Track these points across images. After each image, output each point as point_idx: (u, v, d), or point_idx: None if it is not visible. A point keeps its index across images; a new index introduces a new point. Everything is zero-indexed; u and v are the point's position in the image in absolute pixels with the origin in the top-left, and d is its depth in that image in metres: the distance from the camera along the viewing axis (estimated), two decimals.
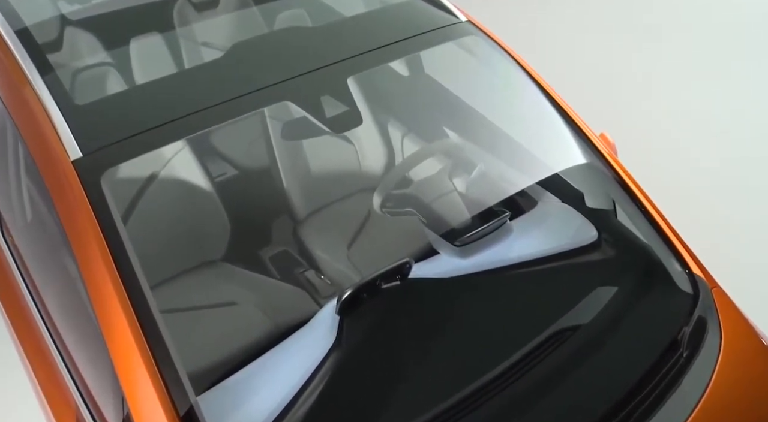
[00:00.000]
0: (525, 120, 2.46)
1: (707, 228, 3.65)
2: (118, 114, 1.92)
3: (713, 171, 4.05)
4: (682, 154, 4.18)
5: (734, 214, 3.75)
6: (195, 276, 2.45)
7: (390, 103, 2.84)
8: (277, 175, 2.64)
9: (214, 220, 2.50)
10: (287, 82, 2.00)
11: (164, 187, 2.43)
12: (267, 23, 2.82)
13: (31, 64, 2.04)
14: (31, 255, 2.11)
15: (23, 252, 2.18)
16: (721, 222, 3.70)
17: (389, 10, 2.33)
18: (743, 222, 3.70)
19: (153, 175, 2.38)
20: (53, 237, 2.03)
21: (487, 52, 2.34)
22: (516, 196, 2.39)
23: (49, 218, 2.02)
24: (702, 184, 3.94)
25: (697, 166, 4.08)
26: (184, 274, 2.44)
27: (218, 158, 2.95)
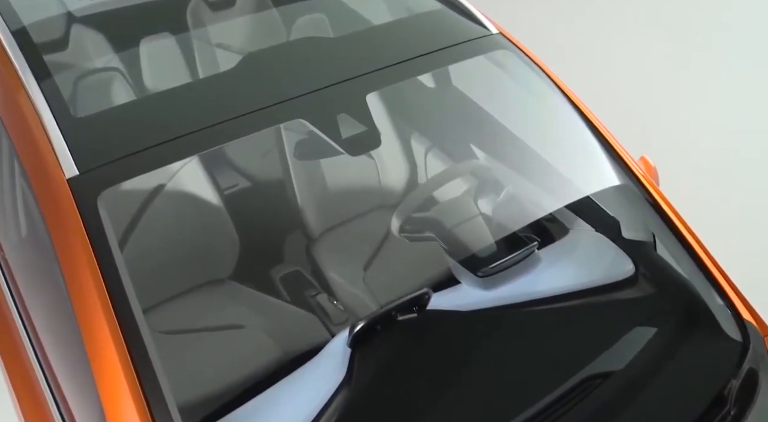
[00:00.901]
0: (557, 140, 2.33)
1: (759, 267, 3.43)
2: (120, 128, 1.83)
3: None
4: (731, 181, 3.95)
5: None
6: (200, 296, 2.36)
7: (414, 115, 2.72)
8: (291, 189, 2.54)
9: (222, 236, 2.40)
10: (301, 98, 1.89)
11: (169, 200, 2.33)
12: (285, 26, 2.71)
13: (28, 70, 1.95)
14: (23, 274, 2.03)
15: (14, 269, 2.09)
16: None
17: (415, 20, 2.20)
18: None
19: (157, 189, 2.29)
20: (48, 256, 1.94)
21: (518, 67, 2.21)
22: (545, 221, 2.26)
23: (45, 236, 1.94)
24: (756, 218, 3.72)
25: (749, 198, 3.86)
26: (187, 294, 2.35)
27: (228, 168, 2.85)
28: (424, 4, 2.35)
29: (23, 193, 2.08)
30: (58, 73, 2.05)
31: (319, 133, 1.86)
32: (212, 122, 1.84)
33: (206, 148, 1.80)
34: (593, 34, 5.31)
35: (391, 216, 2.31)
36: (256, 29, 2.81)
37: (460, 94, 2.59)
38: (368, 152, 1.93)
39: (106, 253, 1.68)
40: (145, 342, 1.61)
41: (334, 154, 2.24)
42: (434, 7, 2.31)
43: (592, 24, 5.44)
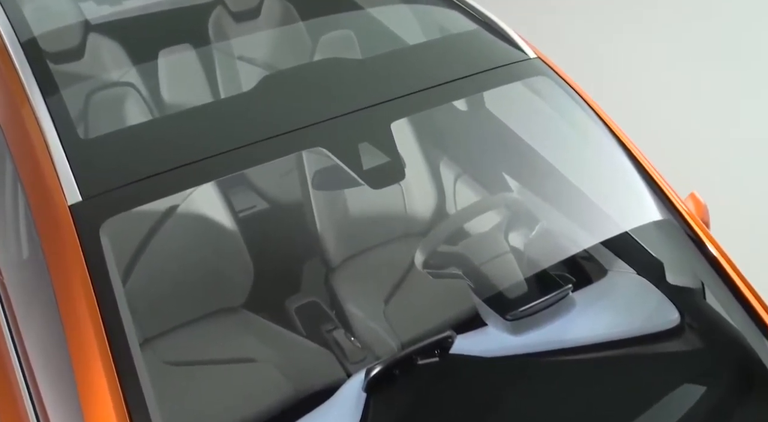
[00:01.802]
0: (597, 172, 2.20)
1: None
2: (128, 152, 1.75)
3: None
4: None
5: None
6: (210, 324, 2.27)
7: (444, 138, 2.61)
8: (310, 213, 2.44)
9: (235, 262, 2.32)
10: (321, 125, 1.79)
11: (181, 222, 2.25)
12: (311, 40, 2.62)
13: (34, 84, 1.88)
14: (21, 300, 1.96)
15: (12, 294, 2.02)
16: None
17: (447, 42, 2.09)
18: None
19: (168, 210, 2.21)
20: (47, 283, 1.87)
21: (557, 95, 2.09)
22: (582, 261, 2.13)
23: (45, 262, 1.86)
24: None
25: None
26: (197, 322, 2.26)
27: (245, 188, 2.76)
28: (458, 24, 2.24)
29: (27, 213, 2.01)
30: (67, 88, 1.98)
31: (339, 162, 1.76)
32: (226, 148, 1.75)
33: (218, 176, 1.72)
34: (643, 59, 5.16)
35: (416, 246, 2.21)
36: (280, 43, 2.73)
37: (493, 118, 2.48)
38: (390, 185, 1.82)
39: (105, 286, 1.60)
40: (141, 380, 1.54)
41: (354, 185, 2.15)
42: (468, 27, 2.20)
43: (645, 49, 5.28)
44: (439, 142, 2.61)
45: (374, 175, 1.77)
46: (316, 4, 2.83)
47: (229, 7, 2.75)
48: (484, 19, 2.21)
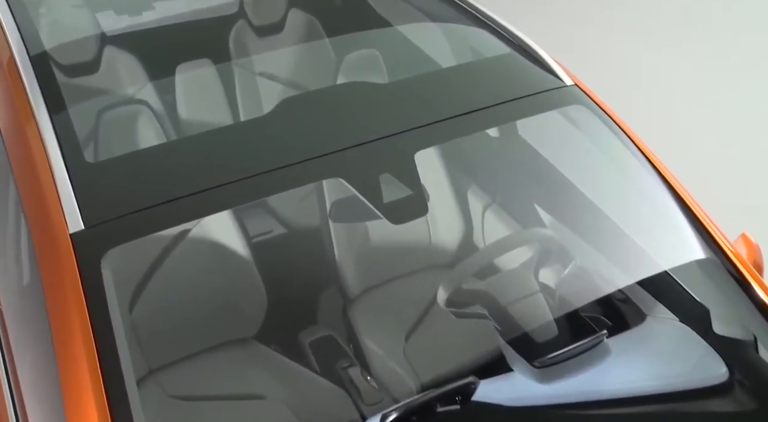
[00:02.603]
0: (636, 207, 2.09)
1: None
2: (135, 178, 1.68)
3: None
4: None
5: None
6: (219, 356, 2.19)
7: (473, 165, 2.51)
8: (329, 241, 2.36)
9: (248, 291, 2.24)
10: (340, 154, 1.70)
11: (190, 247, 2.18)
12: (336, 58, 2.54)
13: (41, 101, 1.82)
14: (18, 328, 1.89)
15: (8, 321, 1.96)
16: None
17: (479, 66, 2.00)
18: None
19: (177, 235, 2.13)
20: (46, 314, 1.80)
21: (594, 125, 1.98)
22: (619, 304, 2.01)
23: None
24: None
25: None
26: (206, 354, 2.18)
27: (260, 211, 2.69)
28: (490, 46, 2.14)
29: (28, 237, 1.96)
30: (76, 105, 1.92)
31: (358, 194, 1.67)
32: (239, 176, 1.67)
33: (229, 206, 1.65)
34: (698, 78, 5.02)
35: (440, 278, 2.12)
36: (303, 60, 2.66)
37: (526, 145, 2.37)
38: (412, 221, 1.73)
39: (103, 320, 1.53)
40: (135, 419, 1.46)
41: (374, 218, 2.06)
42: (501, 50, 2.11)
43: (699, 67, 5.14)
44: (467, 168, 2.51)
45: (395, 210, 1.68)
46: (342, 20, 2.76)
47: (251, 20, 2.69)
48: (518, 41, 2.11)
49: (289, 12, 2.78)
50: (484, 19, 2.18)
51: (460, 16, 2.21)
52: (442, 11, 2.25)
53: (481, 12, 2.18)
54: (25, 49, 2.01)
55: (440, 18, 2.24)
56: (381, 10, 2.63)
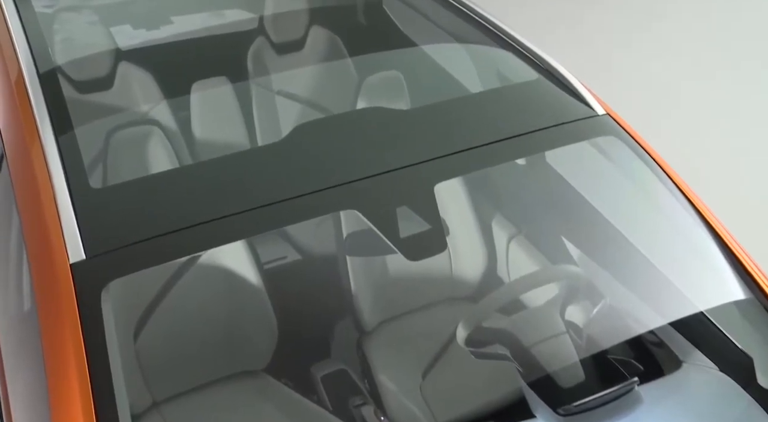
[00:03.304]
0: (671, 244, 1.99)
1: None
2: (142, 206, 1.62)
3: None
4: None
5: None
6: (227, 389, 2.12)
7: (498, 193, 2.42)
8: (345, 269, 2.29)
9: (258, 320, 2.17)
10: (355, 184, 1.63)
11: (198, 273, 2.12)
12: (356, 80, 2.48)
13: (47, 120, 1.77)
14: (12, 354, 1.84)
15: (4, 346, 1.91)
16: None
17: (506, 93, 1.91)
18: None
19: (185, 263, 2.07)
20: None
21: (627, 157, 1.89)
22: (652, 348, 1.91)
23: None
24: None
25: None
26: (213, 387, 2.12)
27: (273, 235, 2.62)
28: (518, 71, 2.07)
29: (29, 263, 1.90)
30: (83, 126, 1.87)
31: (374, 228, 1.60)
32: (250, 206, 1.61)
33: (238, 238, 1.58)
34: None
35: (461, 312, 2.03)
36: (324, 79, 2.60)
37: (554, 174, 2.29)
38: (430, 257, 1.65)
39: (100, 357, 1.47)
40: None
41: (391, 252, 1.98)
42: (530, 76, 2.03)
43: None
44: (491, 196, 2.42)
45: (412, 245, 1.60)
46: (365, 38, 2.71)
47: (271, 37, 2.64)
48: (547, 66, 2.03)
49: (311, 29, 2.72)
50: (512, 42, 2.10)
51: (488, 39, 2.14)
52: (469, 32, 2.17)
53: (510, 35, 2.10)
54: (34, 66, 1.96)
55: (467, 39, 2.17)
56: (406, 28, 2.56)
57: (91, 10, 2.30)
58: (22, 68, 1.97)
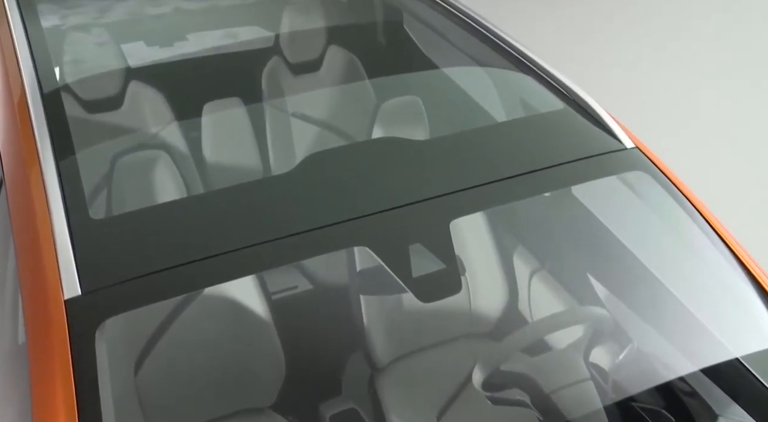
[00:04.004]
0: (705, 287, 1.88)
1: None
2: (142, 239, 1.55)
3: None
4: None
5: None
6: None
7: (520, 225, 2.33)
8: (357, 301, 2.20)
9: (265, 354, 2.09)
10: (366, 219, 1.55)
11: (202, 304, 2.04)
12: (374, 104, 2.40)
13: (48, 144, 1.71)
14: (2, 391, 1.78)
15: None
16: None
17: (529, 123, 1.83)
18: None
19: (186, 297, 2.00)
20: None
21: (657, 193, 1.79)
22: (684, 398, 1.81)
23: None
24: None
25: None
26: None
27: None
28: (542, 100, 1.98)
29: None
30: (87, 151, 1.81)
31: (384, 266, 1.51)
32: (256, 240, 1.53)
33: (245, 274, 1.51)
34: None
35: (478, 350, 1.94)
36: (340, 103, 2.52)
37: (580, 206, 2.19)
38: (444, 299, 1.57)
39: (91, 399, 1.39)
40: None
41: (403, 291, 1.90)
42: (555, 105, 1.94)
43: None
44: (514, 228, 2.33)
45: (425, 286, 1.52)
46: (384, 59, 2.63)
47: (287, 57, 2.58)
48: (573, 96, 1.94)
49: (328, 49, 2.66)
50: (538, 69, 2.02)
51: (512, 65, 2.06)
52: (493, 57, 2.10)
53: (535, 62, 2.02)
54: (38, 85, 1.91)
55: (490, 64, 2.09)
56: (427, 50, 2.49)
57: (103, 27, 2.25)
58: (26, 87, 1.92)
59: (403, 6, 2.39)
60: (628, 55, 5.52)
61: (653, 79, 5.23)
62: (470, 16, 2.21)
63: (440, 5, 2.29)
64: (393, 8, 2.54)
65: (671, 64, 5.39)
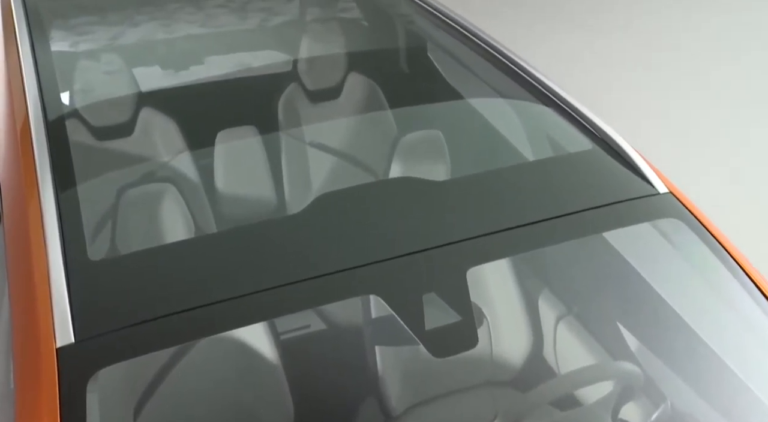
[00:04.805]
0: (747, 344, 1.77)
1: None
2: (142, 282, 1.47)
3: None
4: None
5: None
6: None
7: (546, 266, 2.23)
8: (372, 347, 2.11)
9: (271, 400, 2.00)
10: (378, 266, 1.46)
11: (204, 345, 1.96)
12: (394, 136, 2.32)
13: (48, 179, 1.64)
14: None
15: None
16: None
17: (556, 164, 1.73)
18: None
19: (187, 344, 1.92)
20: None
21: (692, 243, 1.68)
22: None
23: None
24: None
25: None
26: None
27: None
28: (570, 139, 1.89)
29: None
30: (89, 184, 1.74)
31: (396, 316, 1.43)
32: (261, 287, 1.46)
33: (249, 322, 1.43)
34: None
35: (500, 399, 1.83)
36: (359, 133, 2.44)
37: (611, 249, 2.09)
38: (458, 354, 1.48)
39: None
40: None
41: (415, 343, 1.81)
42: (583, 145, 1.85)
43: None
44: (539, 269, 2.23)
45: (438, 339, 1.43)
46: (407, 88, 2.55)
47: (305, 83, 2.51)
48: (602, 135, 1.84)
49: (348, 76, 2.59)
50: (567, 106, 1.92)
51: (539, 100, 1.97)
52: (520, 91, 2.01)
53: (564, 99, 1.93)
54: (42, 114, 1.85)
55: (517, 98, 2.00)
56: (452, 80, 2.41)
57: (115, 52, 2.20)
58: (29, 114, 1.86)
59: (427, 32, 2.31)
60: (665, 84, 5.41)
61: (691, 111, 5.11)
62: (497, 49, 2.13)
63: (467, 35, 2.21)
64: (417, 34, 2.47)
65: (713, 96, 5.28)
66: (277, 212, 2.33)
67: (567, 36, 6.08)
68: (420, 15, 2.31)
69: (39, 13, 2.27)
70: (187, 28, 2.53)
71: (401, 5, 2.40)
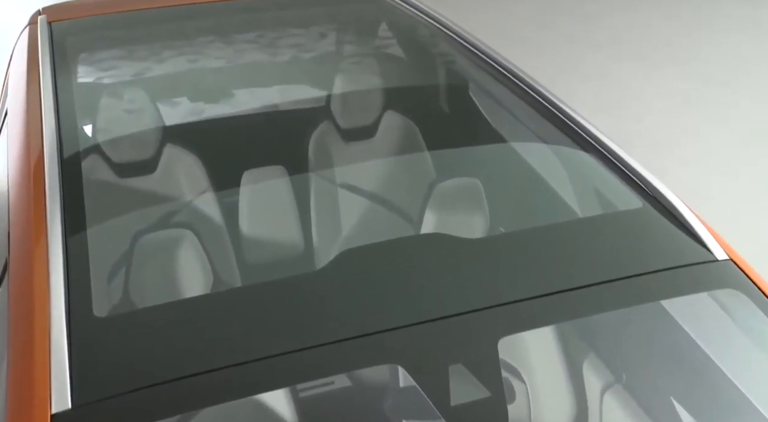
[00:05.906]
0: None
1: None
2: (151, 343, 1.39)
3: None
4: None
5: None
6: None
7: (591, 330, 2.09)
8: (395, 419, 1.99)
9: None
10: (405, 330, 1.36)
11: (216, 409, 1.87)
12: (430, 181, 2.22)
13: (58, 224, 1.57)
14: None
15: None
16: None
17: (603, 223, 1.60)
18: None
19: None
20: None
21: (753, 316, 1.54)
22: None
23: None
24: None
25: None
26: None
27: None
28: (618, 195, 1.76)
29: None
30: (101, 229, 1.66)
31: (418, 388, 1.31)
32: (275, 351, 1.36)
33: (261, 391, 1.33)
34: None
35: None
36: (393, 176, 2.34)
37: (665, 315, 1.95)
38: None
39: None
40: None
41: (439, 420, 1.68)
42: (632, 203, 1.72)
43: None
44: (584, 333, 2.10)
45: (463, 416, 1.30)
46: (446, 130, 2.45)
47: (338, 121, 2.42)
48: (654, 193, 1.71)
49: (384, 114, 2.50)
50: (617, 161, 1.80)
51: (588, 152, 1.85)
52: (567, 142, 1.89)
53: (614, 153, 1.81)
54: (58, 154, 1.79)
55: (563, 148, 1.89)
56: (496, 123, 2.30)
57: (140, 87, 2.14)
58: (44, 152, 1.80)
59: (470, 72, 2.22)
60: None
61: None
62: (544, 94, 2.02)
63: (512, 77, 2.10)
64: (459, 73, 2.37)
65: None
66: (303, 260, 2.24)
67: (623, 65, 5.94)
68: (462, 53, 2.22)
69: (65, 47, 2.23)
70: (215, 62, 2.46)
71: (442, 42, 2.31)
